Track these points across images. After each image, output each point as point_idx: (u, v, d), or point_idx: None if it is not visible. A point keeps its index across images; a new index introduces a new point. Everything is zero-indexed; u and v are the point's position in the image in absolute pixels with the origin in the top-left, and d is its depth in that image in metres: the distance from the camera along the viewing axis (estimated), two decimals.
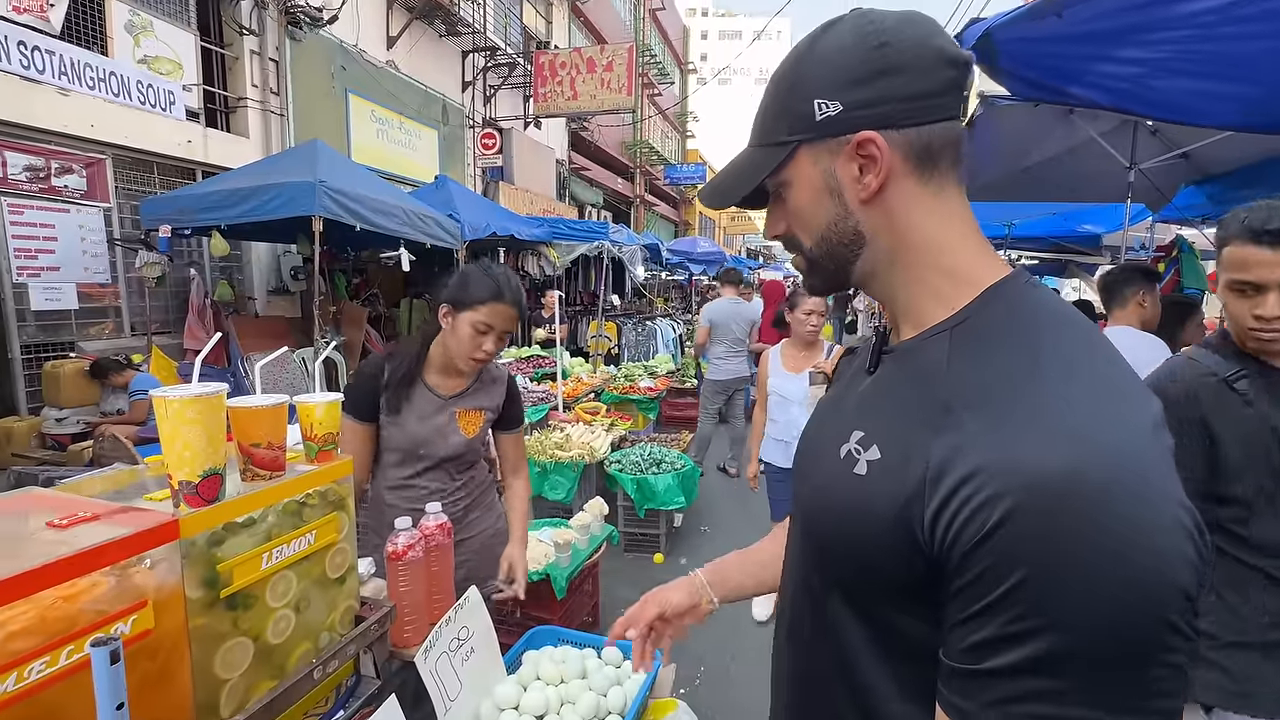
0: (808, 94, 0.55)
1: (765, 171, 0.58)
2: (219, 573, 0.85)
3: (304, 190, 4.10)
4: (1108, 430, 0.43)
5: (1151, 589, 0.40)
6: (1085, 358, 0.47)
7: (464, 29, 9.40)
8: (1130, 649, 0.40)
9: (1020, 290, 0.52)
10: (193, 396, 0.81)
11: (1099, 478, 0.40)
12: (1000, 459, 0.43)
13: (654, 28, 20.42)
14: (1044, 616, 0.40)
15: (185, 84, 5.69)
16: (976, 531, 0.42)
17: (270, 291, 6.73)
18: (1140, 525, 0.40)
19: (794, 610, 0.65)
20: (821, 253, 0.59)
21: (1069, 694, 0.40)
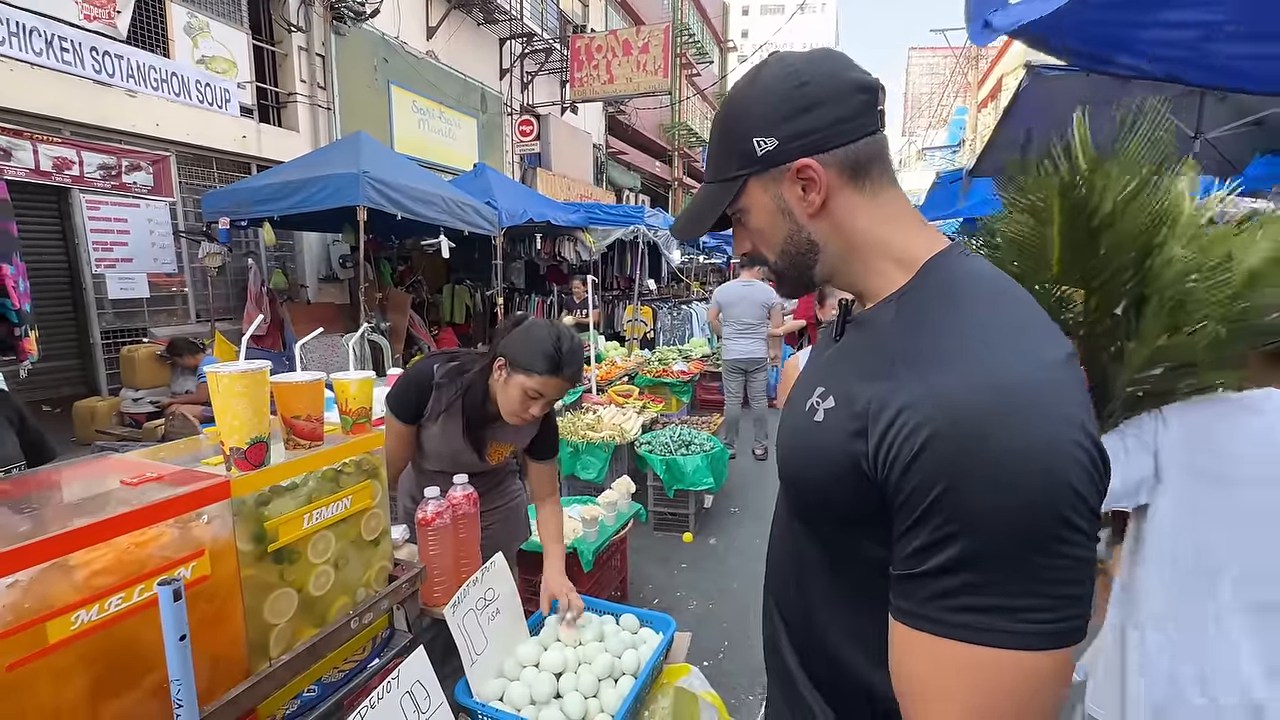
0: (746, 134, 0.64)
1: (724, 204, 0.68)
2: (266, 530, 0.95)
3: (349, 181, 4.27)
4: (1011, 366, 0.50)
5: (1045, 490, 0.46)
6: (998, 310, 0.55)
7: (501, 16, 9.50)
8: (1031, 542, 0.46)
9: (951, 261, 0.61)
10: (240, 372, 0.90)
11: (1001, 403, 0.48)
12: (924, 396, 0.51)
13: (692, 6, 20.05)
14: (959, 521, 0.48)
15: (240, 81, 5.97)
16: (907, 456, 0.50)
17: (321, 279, 7.06)
18: (1034, 438, 0.47)
19: (779, 550, 0.77)
20: (784, 264, 0.68)
21: (986, 585, 0.47)
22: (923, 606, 0.50)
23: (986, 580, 0.47)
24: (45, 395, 5.24)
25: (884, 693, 0.56)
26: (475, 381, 1.49)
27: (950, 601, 0.48)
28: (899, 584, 0.52)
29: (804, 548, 0.69)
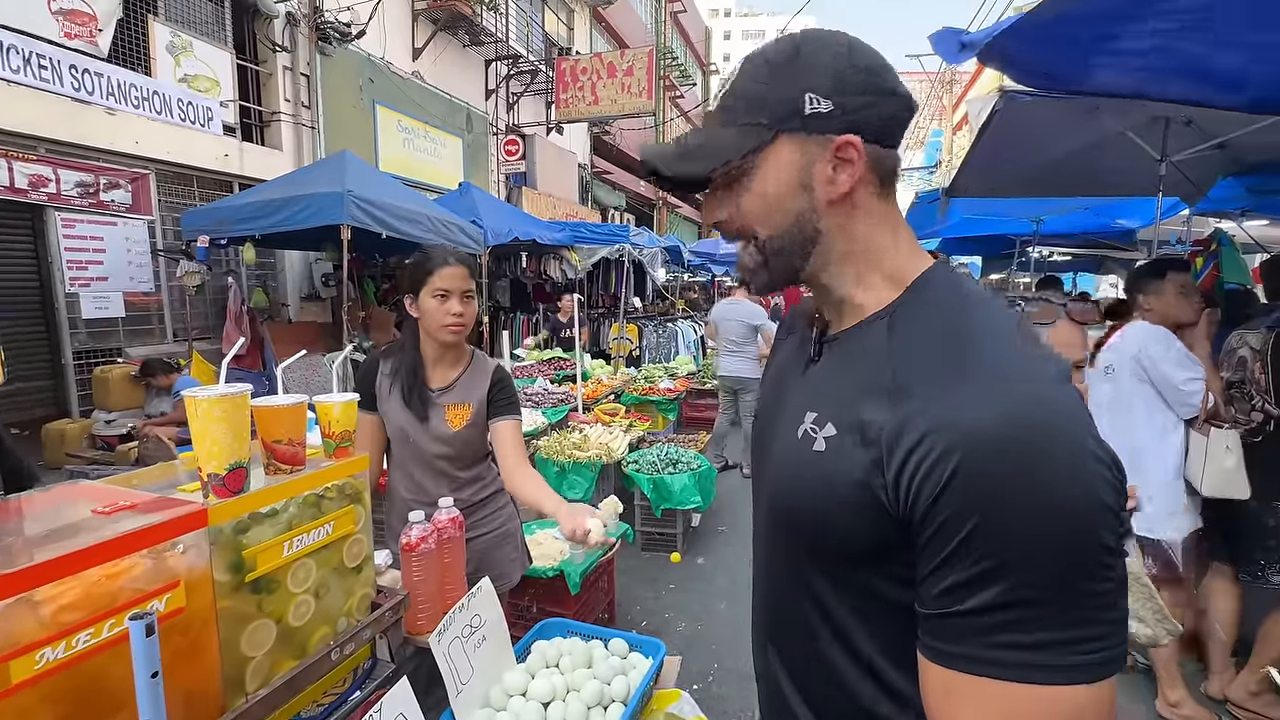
0: (800, 85, 0.57)
1: (743, 151, 0.58)
2: (244, 558, 0.92)
3: (332, 200, 4.26)
4: (1029, 386, 0.49)
5: (1084, 515, 0.45)
6: (998, 329, 0.53)
7: (487, 38, 9.61)
8: (1076, 569, 0.44)
9: (943, 278, 0.59)
10: (219, 396, 0.88)
11: (1029, 428, 0.46)
12: (946, 421, 0.48)
13: (675, 30, 20.47)
14: (1000, 555, 0.45)
15: (222, 100, 5.95)
16: (934, 487, 0.47)
17: (303, 298, 6.98)
18: (1066, 463, 0.45)
19: (771, 584, 0.70)
20: (780, 245, 0.60)
21: (1034, 620, 0.45)
22: (963, 646, 0.47)
23: (1034, 615, 0.45)
24: (15, 417, 5.08)
25: None
26: (406, 342, 1.61)
27: (995, 639, 0.45)
28: (932, 623, 0.49)
29: (805, 587, 0.62)
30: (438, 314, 1.52)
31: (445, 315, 1.52)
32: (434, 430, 1.59)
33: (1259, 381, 2.08)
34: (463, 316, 1.54)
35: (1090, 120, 3.28)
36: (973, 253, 8.75)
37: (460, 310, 1.53)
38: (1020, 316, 0.55)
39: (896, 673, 0.55)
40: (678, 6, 20.17)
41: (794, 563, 0.63)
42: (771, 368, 0.79)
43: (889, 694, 0.56)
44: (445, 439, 1.59)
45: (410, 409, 1.58)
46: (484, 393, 1.63)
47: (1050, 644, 0.44)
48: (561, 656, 1.41)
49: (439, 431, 1.59)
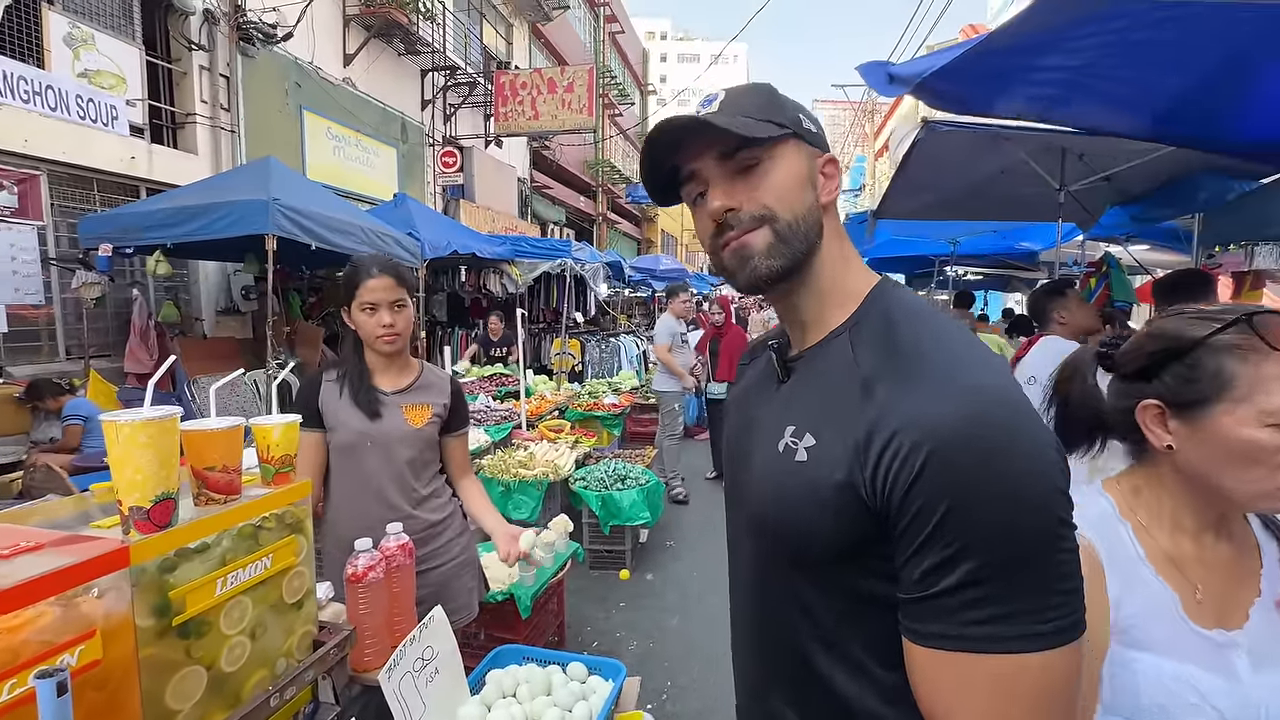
0: (794, 107, 0.66)
1: (769, 134, 0.61)
2: (171, 600, 0.83)
3: (256, 208, 4.00)
4: (989, 382, 0.53)
5: (1042, 498, 0.50)
6: (949, 336, 0.59)
7: (423, 48, 9.39)
8: (1035, 547, 0.49)
9: (892, 293, 0.65)
10: (145, 420, 0.80)
11: (992, 420, 0.51)
12: (914, 419, 0.52)
13: (614, 50, 20.78)
14: (968, 537, 0.49)
15: (129, 99, 5.50)
16: (907, 478, 0.51)
17: (219, 312, 6.50)
18: (1024, 454, 0.50)
19: (757, 599, 0.70)
20: (799, 229, 0.63)
21: (1003, 595, 0.49)
22: (942, 626, 0.51)
23: (998, 591, 0.49)
24: None
25: None
26: (350, 351, 1.59)
27: (965, 615, 0.49)
28: (912, 607, 0.52)
29: (792, 597, 0.63)
30: (368, 327, 1.51)
31: (376, 328, 1.51)
32: (395, 429, 1.53)
33: None
34: (394, 327, 1.52)
35: (999, 150, 3.57)
36: (896, 271, 9.30)
37: (390, 321, 1.51)
38: (959, 325, 0.63)
39: (884, 671, 0.57)
40: (616, 27, 20.51)
41: (779, 574, 0.64)
42: (737, 391, 0.83)
43: (877, 692, 0.58)
44: (408, 437, 1.54)
45: (360, 408, 1.52)
46: (445, 400, 1.62)
47: (1014, 615, 0.48)
48: (519, 685, 1.36)
49: (401, 429, 1.54)
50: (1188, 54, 1.94)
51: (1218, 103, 2.25)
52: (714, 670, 2.60)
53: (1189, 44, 1.87)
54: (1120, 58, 2.03)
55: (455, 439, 1.67)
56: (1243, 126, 2.38)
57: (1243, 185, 3.81)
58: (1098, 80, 2.23)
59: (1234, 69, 1.99)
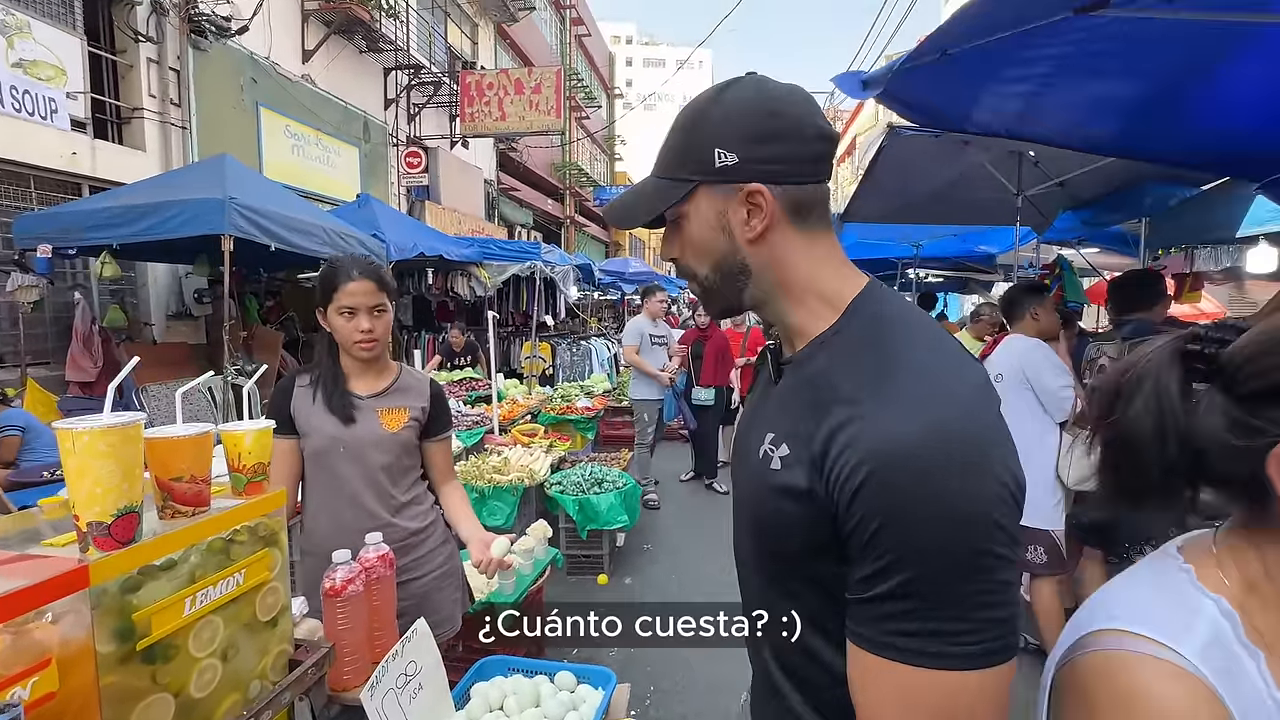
0: (710, 142, 0.63)
1: (668, 203, 0.66)
2: (134, 622, 0.77)
3: (211, 207, 3.82)
4: (939, 407, 0.54)
5: (971, 527, 0.51)
6: (920, 349, 0.59)
7: (386, 46, 9.17)
8: (959, 572, 0.51)
9: (874, 300, 0.64)
10: (105, 427, 0.73)
11: (933, 444, 0.52)
12: (863, 436, 0.54)
13: (580, 53, 20.73)
14: (896, 553, 0.52)
15: (70, 91, 5.20)
16: (850, 490, 0.54)
17: (170, 316, 6.20)
18: (959, 479, 0.51)
19: (754, 590, 0.73)
20: (714, 281, 0.68)
21: (919, 611, 0.52)
22: (869, 629, 0.54)
23: (922, 607, 0.51)
24: None
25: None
26: (324, 353, 1.53)
27: (890, 625, 0.53)
28: (852, 608, 0.56)
29: (782, 586, 0.67)
30: (345, 331, 1.45)
31: (354, 333, 1.45)
32: (369, 434, 1.47)
33: None
34: (373, 333, 1.46)
35: (961, 156, 3.68)
36: None
37: (369, 327, 1.45)
38: (940, 332, 0.62)
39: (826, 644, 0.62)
40: (582, 30, 20.47)
41: (769, 567, 0.69)
42: (749, 394, 0.86)
43: None
44: (383, 442, 1.48)
45: (334, 412, 1.45)
46: (424, 404, 1.56)
47: (933, 633, 0.51)
48: (506, 697, 1.32)
49: (375, 434, 1.47)
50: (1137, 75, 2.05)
51: (1165, 119, 2.37)
52: (696, 674, 2.58)
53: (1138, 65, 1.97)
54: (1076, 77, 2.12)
55: (436, 444, 1.62)
56: (1185, 141, 2.52)
57: (1185, 191, 4.02)
58: (1056, 99, 2.33)
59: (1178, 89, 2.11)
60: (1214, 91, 2.10)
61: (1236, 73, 1.98)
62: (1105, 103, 2.31)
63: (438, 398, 1.61)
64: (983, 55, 2.06)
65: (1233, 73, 1.98)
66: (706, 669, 2.64)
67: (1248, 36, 1.79)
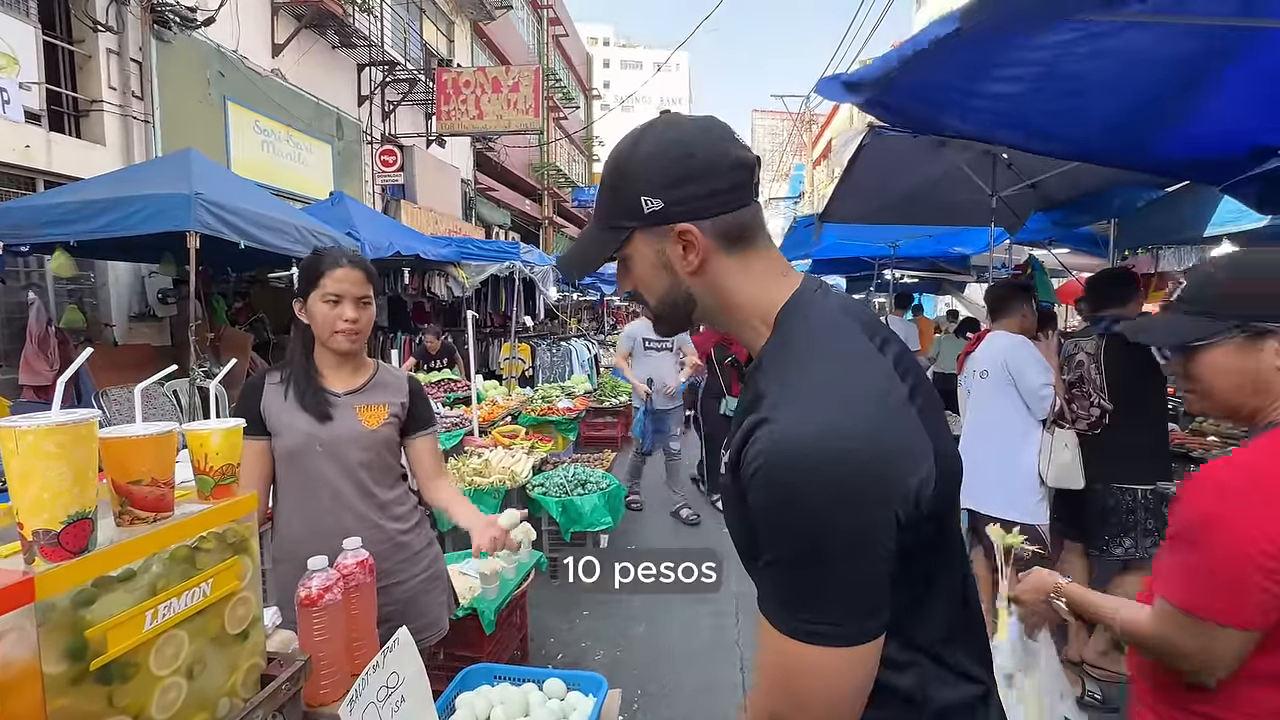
0: (635, 192, 0.68)
1: (610, 250, 0.73)
2: (88, 640, 0.70)
3: (177, 202, 3.67)
4: (834, 412, 0.59)
5: (817, 523, 0.57)
6: (825, 356, 0.65)
7: (360, 41, 8.99)
8: (806, 559, 0.58)
9: (793, 313, 0.69)
10: (53, 425, 0.67)
11: (805, 447, 0.58)
12: (764, 434, 0.60)
13: (557, 53, 20.63)
14: (769, 534, 0.61)
15: (23, 81, 4.96)
16: (748, 477, 0.61)
17: (133, 317, 5.96)
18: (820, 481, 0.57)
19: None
20: (664, 310, 0.75)
21: (779, 584, 0.61)
22: (758, 591, 0.64)
23: (781, 581, 0.61)
24: None
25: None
26: (296, 348, 1.47)
27: (764, 591, 0.63)
28: (757, 575, 0.65)
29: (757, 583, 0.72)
30: (328, 319, 1.38)
31: (336, 320, 1.38)
32: (347, 430, 1.40)
33: (1095, 380, 2.43)
34: (357, 323, 1.40)
35: (938, 157, 3.73)
36: (839, 273, 9.61)
37: (354, 316, 1.39)
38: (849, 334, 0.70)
39: None
40: (559, 30, 20.38)
41: (747, 567, 0.73)
42: None
43: None
44: (362, 439, 1.41)
45: (308, 409, 1.38)
46: (403, 399, 1.50)
47: (784, 603, 0.60)
48: (493, 708, 1.27)
49: (353, 431, 1.40)
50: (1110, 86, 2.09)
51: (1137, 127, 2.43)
52: (684, 676, 2.55)
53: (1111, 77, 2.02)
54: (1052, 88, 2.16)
55: (420, 440, 1.55)
56: (1152, 147, 2.59)
57: (1151, 194, 4.14)
58: (1030, 109, 2.37)
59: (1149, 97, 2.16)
60: (1177, 100, 2.16)
61: (1197, 81, 2.04)
62: (1073, 112, 2.36)
63: (417, 393, 1.56)
64: (959, 63, 2.08)
65: (1194, 81, 2.04)
66: (694, 671, 2.61)
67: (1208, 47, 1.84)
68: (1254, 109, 2.13)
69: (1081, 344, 2.53)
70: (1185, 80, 2.04)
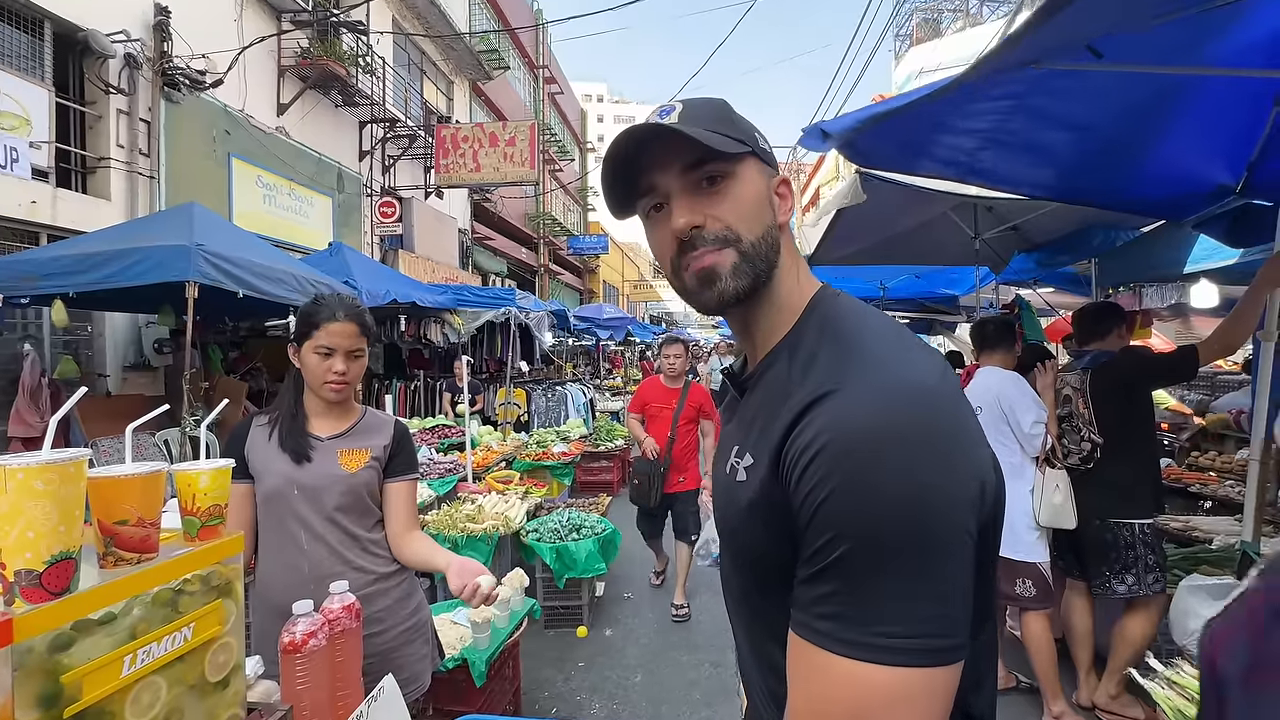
0: (749, 127, 0.66)
1: (738, 149, 0.62)
2: (63, 685, 0.69)
3: (177, 254, 3.74)
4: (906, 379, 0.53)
5: (923, 508, 0.47)
6: (880, 333, 0.58)
7: (362, 100, 9.35)
8: (896, 557, 0.46)
9: (829, 299, 0.65)
10: (43, 464, 0.67)
11: (895, 421, 0.49)
12: (825, 408, 0.52)
13: (553, 109, 21.44)
14: (838, 528, 0.48)
15: (34, 140, 5.12)
16: (805, 462, 0.51)
17: (128, 367, 5.96)
18: (923, 456, 0.48)
19: (737, 612, 0.71)
20: (760, 249, 0.63)
21: (845, 593, 0.47)
22: (801, 613, 0.51)
23: (847, 587, 0.47)
24: None
25: None
26: (287, 390, 1.48)
27: (817, 608, 0.49)
28: (797, 590, 0.52)
29: (752, 607, 0.66)
30: (318, 370, 1.40)
31: (326, 373, 1.40)
32: (326, 473, 1.39)
33: (1083, 414, 2.45)
34: (345, 375, 1.41)
35: (921, 202, 3.86)
36: None
37: (343, 369, 1.41)
38: (894, 325, 0.63)
39: None
40: (555, 88, 21.24)
41: (745, 587, 0.66)
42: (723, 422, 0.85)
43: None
44: (340, 482, 1.40)
45: (288, 451, 1.38)
46: (385, 442, 1.49)
47: (851, 618, 0.47)
48: None
49: (333, 474, 1.39)
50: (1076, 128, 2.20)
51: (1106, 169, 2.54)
52: None
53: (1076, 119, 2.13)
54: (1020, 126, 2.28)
55: (395, 484, 1.49)
56: (1124, 188, 2.70)
57: (1128, 234, 4.27)
58: (1002, 149, 2.49)
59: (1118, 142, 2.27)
60: (1137, 141, 2.27)
61: (1154, 125, 2.15)
62: (1038, 150, 2.47)
63: (401, 437, 1.53)
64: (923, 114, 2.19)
65: (1151, 124, 2.15)
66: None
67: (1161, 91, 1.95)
68: (1209, 150, 2.23)
69: (1067, 378, 2.56)
70: (1143, 123, 2.15)
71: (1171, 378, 2.58)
